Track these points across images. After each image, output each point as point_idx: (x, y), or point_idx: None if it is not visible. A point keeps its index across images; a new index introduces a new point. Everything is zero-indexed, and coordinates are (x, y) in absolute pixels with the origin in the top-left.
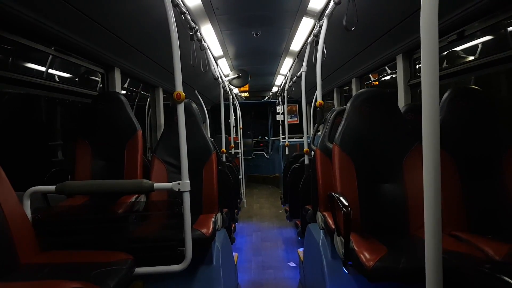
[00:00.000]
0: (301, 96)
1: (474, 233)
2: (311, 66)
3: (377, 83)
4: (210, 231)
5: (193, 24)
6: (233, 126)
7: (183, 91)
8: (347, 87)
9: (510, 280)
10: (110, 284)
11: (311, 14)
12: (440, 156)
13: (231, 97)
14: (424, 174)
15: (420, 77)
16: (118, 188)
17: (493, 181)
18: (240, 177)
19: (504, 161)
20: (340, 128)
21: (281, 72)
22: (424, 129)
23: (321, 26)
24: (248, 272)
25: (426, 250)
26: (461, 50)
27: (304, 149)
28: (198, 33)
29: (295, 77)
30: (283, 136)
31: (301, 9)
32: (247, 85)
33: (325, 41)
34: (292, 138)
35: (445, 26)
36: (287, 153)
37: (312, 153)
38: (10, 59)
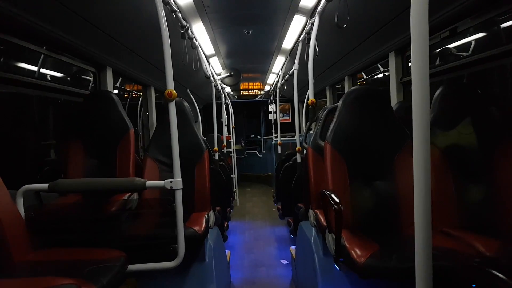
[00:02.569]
0: (293, 95)
1: (465, 230)
2: (303, 64)
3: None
4: (202, 228)
5: (184, 22)
6: (225, 125)
7: (175, 90)
8: (340, 85)
9: (500, 275)
10: (103, 281)
11: (302, 11)
12: (432, 153)
13: (223, 96)
14: (414, 171)
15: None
16: (111, 186)
17: (484, 178)
18: (233, 176)
19: (495, 158)
20: (331, 126)
21: (273, 70)
22: (414, 126)
23: (312, 24)
24: (240, 269)
25: (416, 246)
26: (454, 47)
27: (296, 148)
28: (189, 31)
29: (287, 75)
30: (276, 135)
31: (293, 7)
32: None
33: (317, 38)
34: (285, 136)
35: (437, 23)
36: (279, 151)
37: (304, 151)
38: (2, 58)
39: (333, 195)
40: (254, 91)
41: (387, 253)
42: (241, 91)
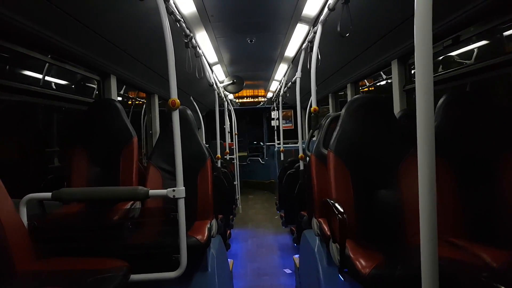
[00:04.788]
0: (296, 102)
1: (472, 240)
2: (306, 72)
3: (372, 88)
4: (205, 237)
5: (188, 31)
6: (228, 132)
7: (179, 98)
8: (342, 93)
9: None
10: None
11: (305, 20)
12: (436, 162)
13: (226, 103)
14: (420, 180)
15: (415, 82)
16: (114, 195)
17: (490, 187)
18: (235, 183)
19: (500, 167)
20: (334, 134)
21: (276, 78)
22: (418, 135)
23: (315, 32)
24: (243, 278)
25: (421, 257)
26: (457, 55)
27: (299, 155)
28: (193, 40)
29: (290, 82)
30: (278, 142)
31: (296, 16)
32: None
33: (319, 47)
34: (287, 143)
35: (440, 31)
36: (282, 158)
37: (307, 159)
38: (7, 67)
39: (336, 204)
40: (254, 98)
41: (392, 264)
42: (244, 98)
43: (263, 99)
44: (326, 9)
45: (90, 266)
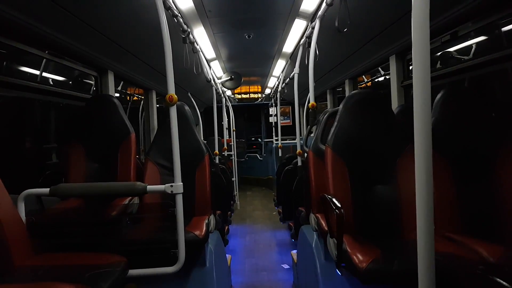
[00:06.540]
0: (294, 98)
1: (468, 235)
2: (304, 67)
3: (370, 84)
4: (203, 233)
5: (185, 26)
6: (226, 128)
7: (176, 94)
8: (341, 89)
9: (503, 282)
10: (103, 286)
11: (303, 15)
12: (433, 158)
13: (224, 99)
14: (416, 176)
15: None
16: (112, 191)
17: (487, 182)
18: (233, 179)
19: (497, 162)
20: (332, 129)
21: (274, 74)
22: (415, 130)
23: (313, 28)
24: (241, 274)
25: (418, 252)
26: (455, 50)
27: (297, 151)
28: (190, 35)
29: (288, 78)
30: (276, 138)
31: (293, 11)
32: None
33: (317, 42)
34: (285, 140)
35: (438, 27)
36: (280, 155)
37: (305, 154)
38: (4, 62)
39: (334, 200)
40: (251, 94)
41: (389, 258)
42: (241, 94)
43: (259, 96)
44: (324, 4)
45: (88, 261)
